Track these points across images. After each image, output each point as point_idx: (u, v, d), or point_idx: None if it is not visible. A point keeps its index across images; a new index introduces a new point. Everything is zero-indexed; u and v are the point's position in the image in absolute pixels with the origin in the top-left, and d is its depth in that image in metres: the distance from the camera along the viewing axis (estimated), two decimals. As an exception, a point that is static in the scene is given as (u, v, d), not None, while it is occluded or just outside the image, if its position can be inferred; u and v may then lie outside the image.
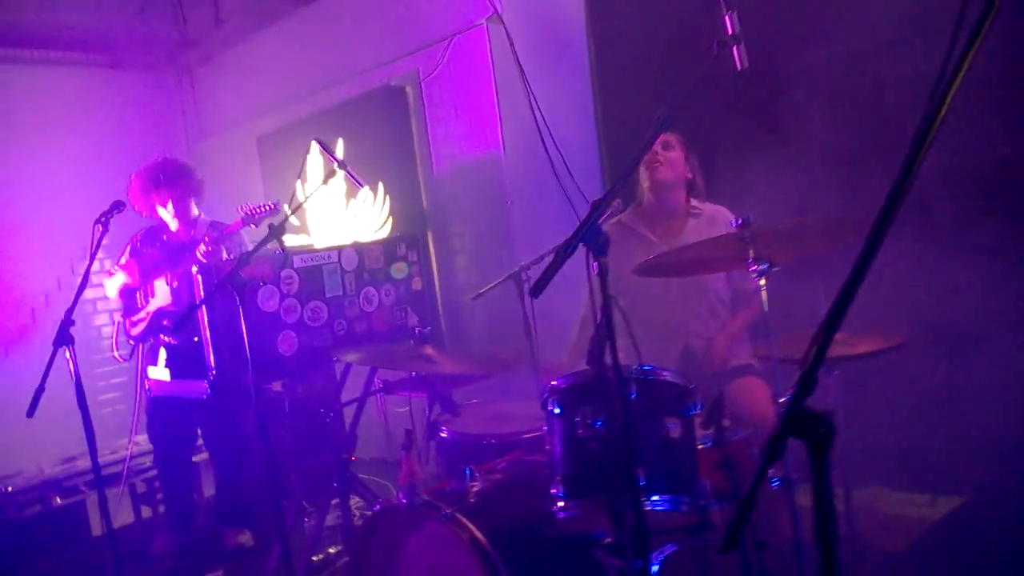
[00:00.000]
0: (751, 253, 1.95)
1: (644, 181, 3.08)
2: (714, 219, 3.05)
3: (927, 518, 2.99)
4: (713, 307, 3.03)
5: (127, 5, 5.51)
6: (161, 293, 3.61)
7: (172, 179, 3.68)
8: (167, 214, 3.74)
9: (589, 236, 1.60)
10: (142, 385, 3.70)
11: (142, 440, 4.40)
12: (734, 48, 1.80)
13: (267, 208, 3.37)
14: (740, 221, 1.96)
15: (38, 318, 5.37)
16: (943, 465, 3.11)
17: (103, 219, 2.90)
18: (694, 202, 3.11)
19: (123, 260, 3.82)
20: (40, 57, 5.38)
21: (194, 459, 4.15)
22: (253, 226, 3.42)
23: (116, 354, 3.86)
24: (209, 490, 4.44)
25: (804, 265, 2.28)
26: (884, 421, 3.23)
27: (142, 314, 3.68)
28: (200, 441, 4.07)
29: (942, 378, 3.07)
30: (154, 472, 4.28)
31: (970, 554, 2.67)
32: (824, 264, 2.51)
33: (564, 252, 1.58)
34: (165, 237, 3.81)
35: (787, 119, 3.37)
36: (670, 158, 2.94)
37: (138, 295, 3.73)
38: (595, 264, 1.63)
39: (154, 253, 3.78)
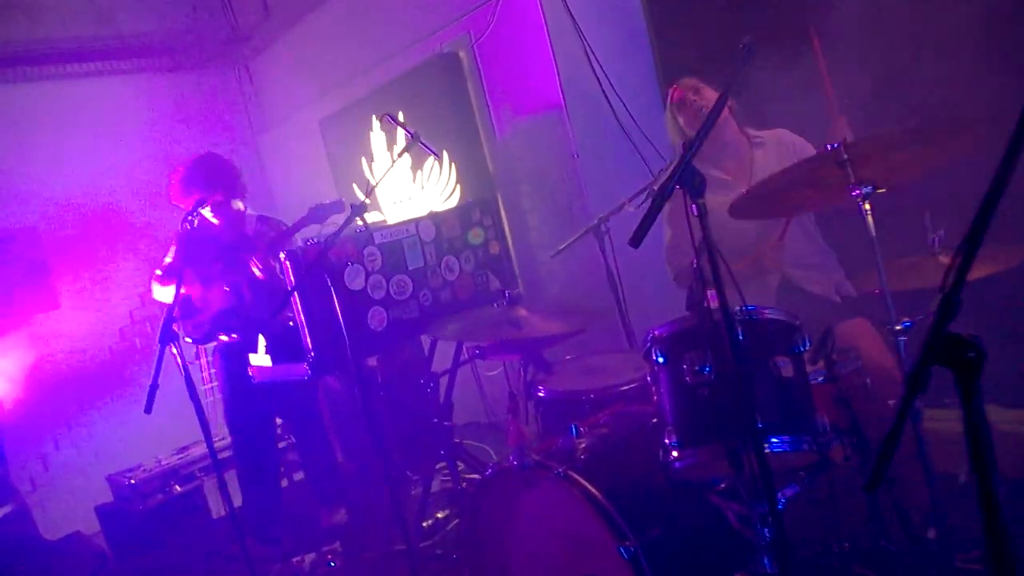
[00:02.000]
0: (851, 177, 1.86)
1: (690, 130, 2.91)
2: (780, 143, 2.92)
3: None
4: (806, 229, 2.89)
5: (179, 7, 5.61)
6: (221, 295, 3.58)
7: (212, 179, 3.53)
8: (210, 213, 3.59)
9: (685, 178, 1.55)
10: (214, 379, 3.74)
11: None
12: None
13: (333, 205, 3.25)
14: (837, 145, 1.86)
15: (135, 320, 5.61)
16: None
17: (189, 217, 2.96)
18: (751, 131, 2.97)
19: (168, 260, 3.75)
20: (103, 68, 5.54)
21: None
22: (319, 225, 3.34)
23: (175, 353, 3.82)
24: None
25: (906, 189, 2.16)
26: (998, 335, 3.06)
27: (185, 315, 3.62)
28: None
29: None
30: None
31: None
32: (926, 187, 2.39)
33: (662, 196, 1.54)
34: (214, 234, 3.66)
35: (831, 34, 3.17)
36: (708, 99, 2.82)
37: (193, 298, 3.68)
38: (693, 206, 1.58)
39: (207, 253, 3.66)
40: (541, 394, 2.76)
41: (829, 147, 1.87)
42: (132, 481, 4.23)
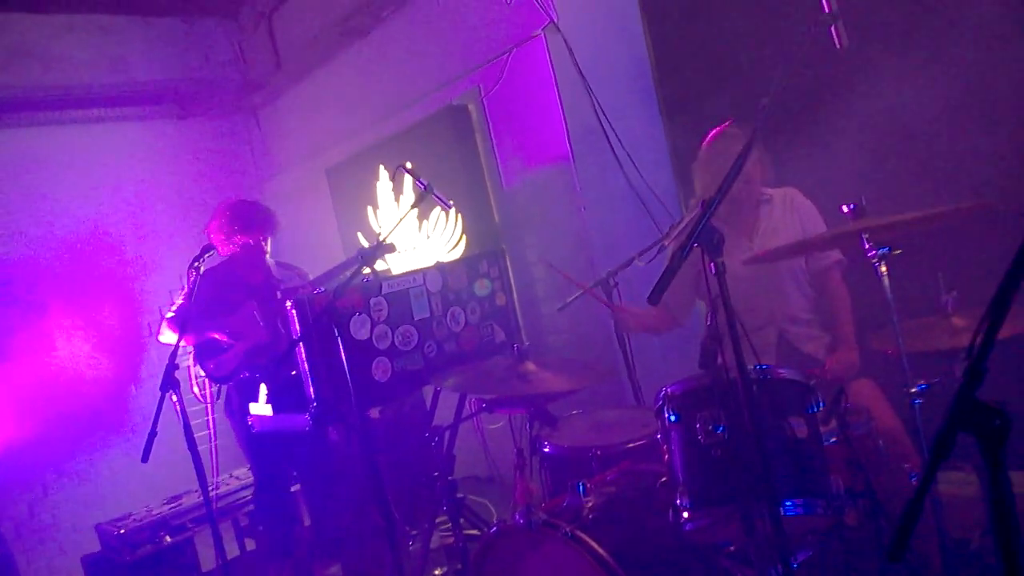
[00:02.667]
0: (866, 237, 1.86)
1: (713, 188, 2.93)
2: (786, 204, 2.95)
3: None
4: (800, 285, 2.92)
5: (192, 55, 5.70)
6: (256, 332, 3.65)
7: (252, 222, 3.68)
8: (246, 255, 3.72)
9: (704, 236, 1.55)
10: (234, 422, 3.79)
11: (242, 473, 4.51)
12: (832, 27, 1.73)
13: (379, 248, 3.36)
14: (852, 207, 1.87)
15: (133, 365, 5.56)
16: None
17: (195, 264, 2.97)
18: (762, 188, 3.00)
19: (178, 302, 3.79)
20: (116, 114, 5.60)
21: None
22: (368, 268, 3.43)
23: (196, 392, 3.94)
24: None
25: (917, 248, 2.17)
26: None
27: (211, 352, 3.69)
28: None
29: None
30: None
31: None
32: (939, 248, 2.40)
33: (680, 255, 1.54)
34: (242, 276, 3.79)
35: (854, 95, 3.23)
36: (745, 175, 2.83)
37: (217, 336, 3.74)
38: (711, 264, 1.58)
39: (236, 293, 3.76)
40: (546, 450, 2.71)
41: (844, 208, 1.88)
42: (121, 531, 4.10)
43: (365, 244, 5.26)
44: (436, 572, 3.54)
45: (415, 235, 4.92)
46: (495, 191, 4.61)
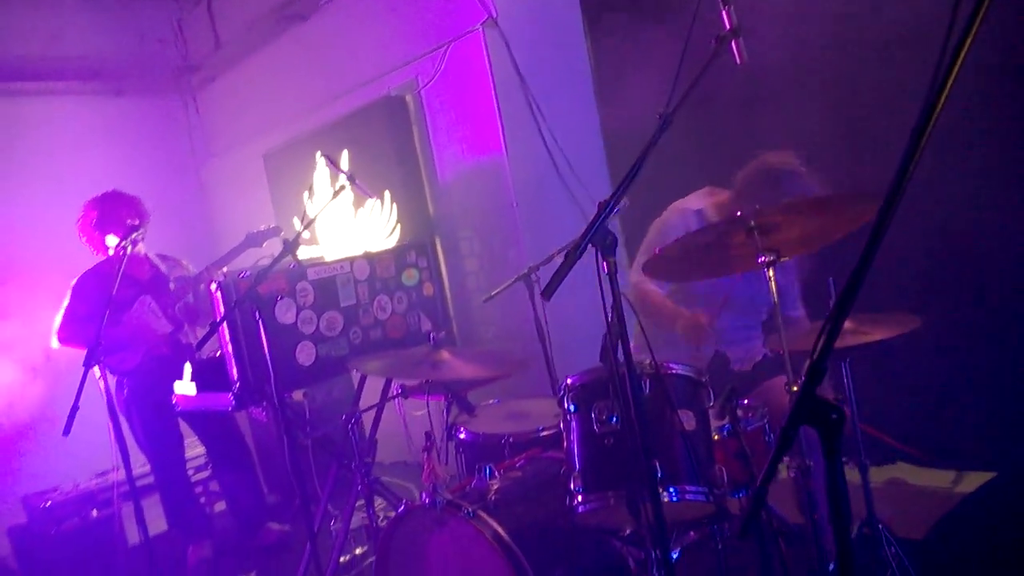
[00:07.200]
0: (759, 245, 1.99)
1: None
2: None
3: (955, 494, 3.02)
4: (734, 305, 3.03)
5: (129, 32, 5.61)
6: (158, 323, 3.71)
7: (122, 216, 3.64)
8: (141, 248, 3.72)
9: (597, 237, 1.65)
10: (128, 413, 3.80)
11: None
12: (733, 43, 1.83)
13: (269, 231, 3.48)
14: (739, 212, 2.00)
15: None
16: (972, 440, 3.13)
17: (123, 243, 2.97)
18: None
19: (65, 305, 3.75)
20: (47, 88, 5.44)
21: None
22: (256, 247, 3.52)
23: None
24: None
25: (815, 256, 2.32)
26: (909, 398, 3.25)
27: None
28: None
29: (967, 354, 3.09)
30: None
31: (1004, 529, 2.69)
32: (834, 255, 2.56)
33: (574, 254, 1.63)
34: (126, 273, 3.57)
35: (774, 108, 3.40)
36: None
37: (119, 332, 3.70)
38: (604, 264, 1.68)
39: (127, 288, 3.71)
40: (462, 436, 2.82)
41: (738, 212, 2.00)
42: (48, 503, 4.14)
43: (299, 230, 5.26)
44: (357, 550, 3.62)
45: (351, 222, 4.95)
46: (430, 182, 4.67)
